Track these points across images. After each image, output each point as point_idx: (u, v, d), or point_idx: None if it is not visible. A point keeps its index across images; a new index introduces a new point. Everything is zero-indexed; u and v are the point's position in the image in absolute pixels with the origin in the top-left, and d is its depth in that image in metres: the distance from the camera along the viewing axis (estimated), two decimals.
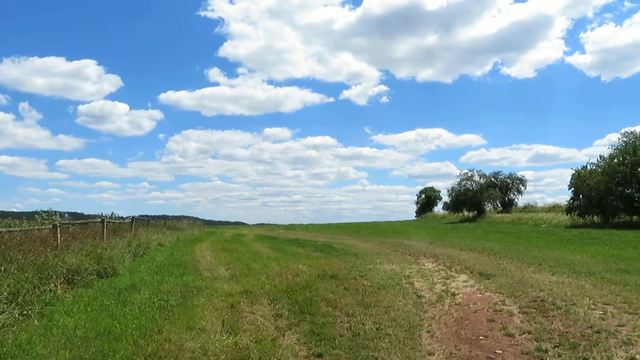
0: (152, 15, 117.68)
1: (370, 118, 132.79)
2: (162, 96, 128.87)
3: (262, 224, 77.22)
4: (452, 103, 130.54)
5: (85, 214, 32.42)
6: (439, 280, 10.76)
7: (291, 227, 57.20)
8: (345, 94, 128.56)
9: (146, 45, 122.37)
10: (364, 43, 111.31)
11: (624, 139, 35.93)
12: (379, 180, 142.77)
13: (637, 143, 34.62)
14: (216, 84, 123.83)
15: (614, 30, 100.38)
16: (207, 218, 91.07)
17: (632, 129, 36.16)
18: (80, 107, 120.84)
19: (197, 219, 64.55)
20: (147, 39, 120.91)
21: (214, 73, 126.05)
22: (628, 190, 35.00)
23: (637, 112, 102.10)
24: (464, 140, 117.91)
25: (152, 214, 33.24)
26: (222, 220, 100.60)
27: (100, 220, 17.79)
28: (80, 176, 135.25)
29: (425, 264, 13.84)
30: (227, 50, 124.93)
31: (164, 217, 38.34)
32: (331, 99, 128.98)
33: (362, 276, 11.31)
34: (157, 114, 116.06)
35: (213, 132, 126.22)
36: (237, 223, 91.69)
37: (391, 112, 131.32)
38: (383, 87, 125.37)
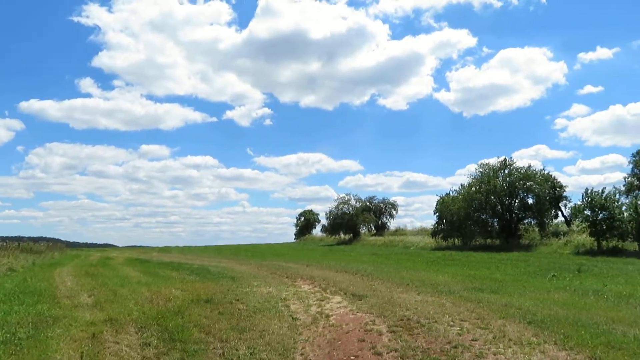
0: (16, 15, 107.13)
1: (253, 140, 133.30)
2: (24, 104, 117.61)
3: (133, 246, 72.66)
4: (332, 129, 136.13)
5: None
6: (315, 302, 10.92)
7: (166, 249, 54.49)
8: (229, 114, 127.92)
9: (5, 46, 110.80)
10: (249, 65, 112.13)
11: (480, 170, 40.18)
12: (259, 202, 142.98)
13: (491, 174, 38.84)
14: (88, 95, 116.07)
15: (474, 72, 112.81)
16: (71, 240, 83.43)
17: (487, 161, 40.63)
18: None
19: (58, 240, 59.00)
20: (7, 40, 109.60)
21: (87, 83, 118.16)
22: (483, 215, 39.01)
23: (492, 145, 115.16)
24: (342, 166, 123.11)
25: (4, 235, 29.64)
26: (89, 242, 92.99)
27: None
28: None
29: (302, 286, 13.99)
30: (103, 60, 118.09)
31: (19, 239, 34.42)
32: (214, 119, 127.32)
33: (238, 300, 11.10)
34: (16, 124, 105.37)
35: (82, 146, 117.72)
36: (105, 245, 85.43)
37: (274, 135, 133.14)
38: (267, 110, 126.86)
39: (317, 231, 75.07)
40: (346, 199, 63.60)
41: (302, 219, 79.76)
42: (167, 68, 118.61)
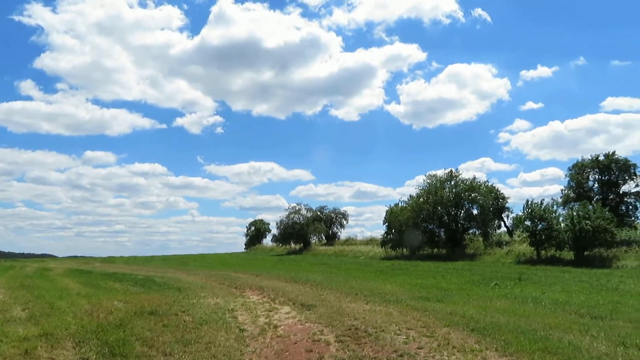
0: None
1: (204, 148, 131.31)
2: None
3: (74, 257, 69.46)
4: (284, 139, 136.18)
5: None
6: (263, 313, 10.80)
7: (110, 259, 52.52)
8: (179, 121, 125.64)
9: None
10: (200, 72, 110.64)
11: (428, 181, 41.16)
12: (209, 211, 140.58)
13: (438, 185, 39.90)
14: (29, 97, 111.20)
15: (424, 86, 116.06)
16: (6, 250, 79.08)
17: (434, 172, 41.72)
18: None
19: None
20: None
21: (27, 86, 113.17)
22: (431, 226, 39.94)
23: (440, 157, 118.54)
24: (294, 175, 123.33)
25: None
26: (26, 252, 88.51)
27: None
28: None
29: (251, 297, 13.81)
30: (45, 62, 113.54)
31: None
32: (163, 125, 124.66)
33: (184, 311, 10.81)
34: None
35: (21, 151, 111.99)
36: (44, 255, 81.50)
37: (225, 143, 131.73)
38: (218, 118, 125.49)
39: (267, 241, 74.55)
40: (297, 208, 63.59)
41: (253, 228, 78.96)
42: (114, 72, 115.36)
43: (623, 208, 33.02)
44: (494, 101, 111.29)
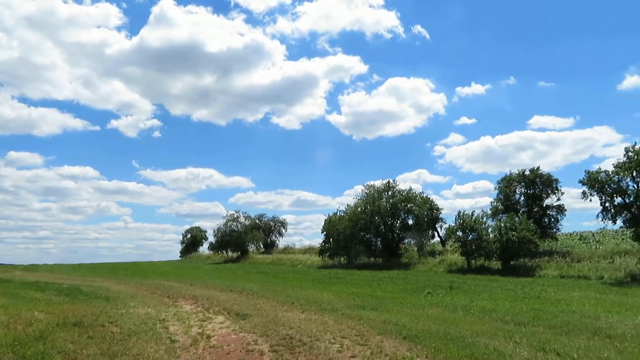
0: None
1: (140, 152, 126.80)
2: None
3: None
4: (224, 145, 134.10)
5: None
6: (196, 323, 10.51)
7: (32, 267, 49.44)
8: (114, 123, 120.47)
9: None
10: (138, 73, 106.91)
11: (366, 191, 41.89)
12: (144, 217, 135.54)
13: (376, 195, 40.70)
14: None
15: (364, 97, 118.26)
16: None
17: (372, 183, 42.56)
18: None
19: None
20: None
21: None
22: (368, 235, 40.61)
23: (378, 168, 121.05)
24: (233, 182, 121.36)
25: None
26: None
27: None
28: None
29: (184, 306, 13.43)
30: None
31: None
32: (96, 127, 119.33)
33: (111, 322, 10.31)
34: None
35: None
36: None
37: (163, 147, 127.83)
38: (156, 122, 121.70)
39: (204, 249, 72.97)
40: (235, 216, 62.74)
41: (189, 236, 77.05)
42: (44, 69, 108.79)
43: (546, 220, 35.02)
44: (430, 115, 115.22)
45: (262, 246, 64.43)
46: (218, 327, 10.07)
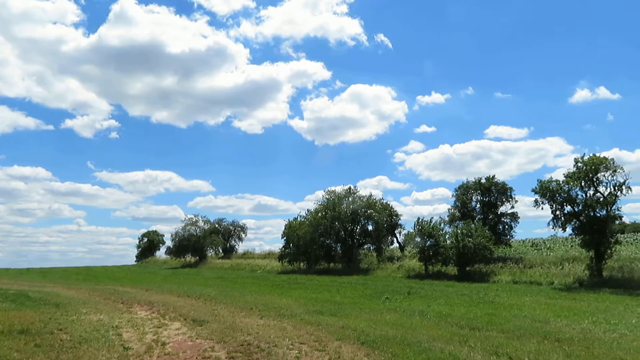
0: None
1: (96, 153, 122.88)
2: None
3: None
4: (184, 148, 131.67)
5: None
6: (151, 330, 10.25)
7: None
8: (68, 123, 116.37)
9: None
10: (95, 72, 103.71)
11: (327, 197, 42.06)
12: (98, 220, 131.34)
13: (337, 201, 40.90)
14: None
15: (327, 103, 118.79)
16: None
17: (333, 188, 42.76)
18: None
19: None
20: None
21: None
22: (328, 240, 40.74)
23: (339, 174, 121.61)
24: (193, 186, 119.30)
25: None
26: None
27: None
28: None
29: (139, 313, 13.07)
30: None
31: None
32: (50, 127, 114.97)
33: (61, 329, 9.93)
34: None
35: None
36: None
37: (120, 149, 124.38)
38: (113, 122, 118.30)
39: (161, 253, 71.32)
40: (194, 220, 61.63)
41: (146, 240, 75.19)
42: None
43: (500, 227, 36.09)
44: (392, 122, 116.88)
45: (221, 251, 63.52)
46: (174, 333, 9.84)
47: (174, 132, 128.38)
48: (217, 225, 63.89)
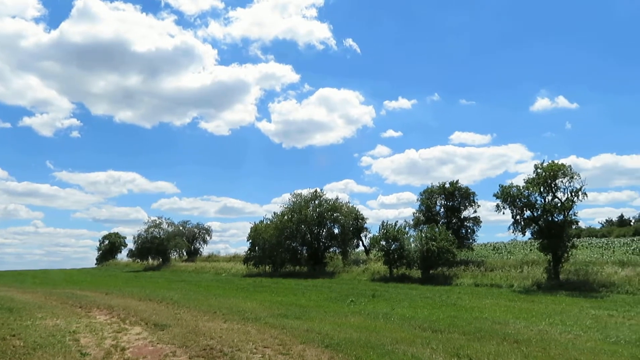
0: None
1: (55, 152, 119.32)
2: None
3: None
4: (149, 149, 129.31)
5: None
6: (110, 335, 9.97)
7: None
8: (27, 121, 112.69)
9: None
10: (56, 69, 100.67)
11: (294, 199, 41.95)
12: (57, 222, 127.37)
13: (303, 204, 40.86)
14: None
15: (295, 106, 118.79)
16: None
17: (300, 191, 42.70)
18: None
19: None
20: None
21: None
22: (294, 243, 40.63)
23: (306, 177, 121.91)
24: (158, 187, 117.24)
25: None
26: None
27: None
28: None
29: (98, 317, 12.70)
30: None
31: None
32: (7, 124, 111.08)
33: (14, 335, 9.56)
34: None
35: None
36: None
37: (82, 148, 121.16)
38: (75, 121, 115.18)
39: (123, 256, 69.62)
40: (158, 222, 60.42)
41: (107, 242, 73.26)
42: None
43: (463, 231, 36.83)
44: (359, 126, 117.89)
45: (185, 254, 62.57)
46: (134, 338, 9.61)
47: (139, 133, 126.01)
48: (181, 228, 62.90)
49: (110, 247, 72.98)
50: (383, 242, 33.04)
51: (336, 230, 40.75)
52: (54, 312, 13.62)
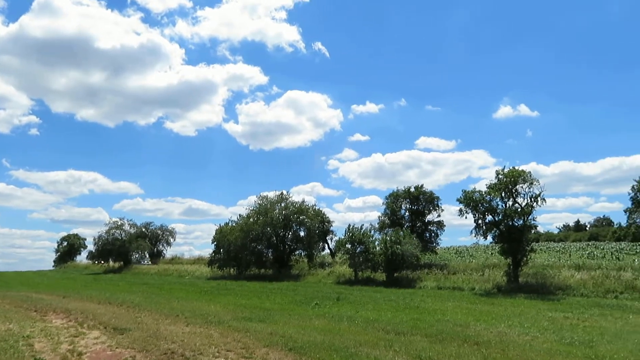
0: None
1: (12, 150, 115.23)
2: None
3: None
4: (112, 148, 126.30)
5: None
6: (66, 339, 9.66)
7: None
8: None
9: None
10: (15, 64, 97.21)
11: (260, 202, 41.73)
12: (12, 222, 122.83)
13: (269, 206, 40.67)
14: None
15: (263, 108, 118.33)
16: None
17: (266, 194, 42.55)
18: None
19: None
20: None
21: None
22: (259, 246, 40.35)
23: (273, 179, 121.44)
24: (120, 187, 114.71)
25: None
26: None
27: None
28: None
29: (54, 321, 12.29)
30: None
31: None
32: None
33: None
34: None
35: None
36: None
37: (41, 146, 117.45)
38: (34, 118, 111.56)
39: (82, 258, 67.74)
40: (119, 223, 59.04)
41: (65, 244, 71.11)
42: None
43: (427, 235, 37.38)
44: (327, 130, 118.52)
45: (147, 256, 61.28)
46: (92, 343, 9.33)
47: (101, 131, 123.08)
48: (144, 229, 61.66)
49: (69, 248, 70.87)
50: (349, 245, 33.18)
51: (302, 233, 40.69)
52: (6, 316, 13.11)
